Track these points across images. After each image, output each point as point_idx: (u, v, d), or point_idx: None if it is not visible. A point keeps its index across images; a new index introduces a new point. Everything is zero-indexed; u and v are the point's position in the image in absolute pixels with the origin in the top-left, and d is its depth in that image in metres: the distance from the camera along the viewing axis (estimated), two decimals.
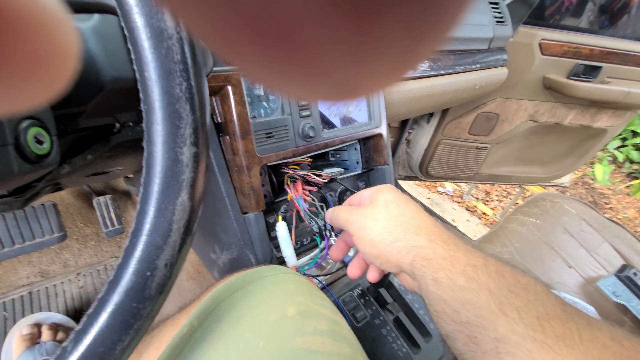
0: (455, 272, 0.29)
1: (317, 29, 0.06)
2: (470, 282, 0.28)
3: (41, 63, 0.10)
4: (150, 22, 0.18)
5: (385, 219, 0.35)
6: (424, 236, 0.33)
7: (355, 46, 0.07)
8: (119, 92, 0.35)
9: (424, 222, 0.34)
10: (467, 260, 0.30)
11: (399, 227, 0.34)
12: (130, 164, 0.55)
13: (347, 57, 0.07)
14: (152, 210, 0.21)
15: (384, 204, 0.36)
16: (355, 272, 0.42)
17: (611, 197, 2.78)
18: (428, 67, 0.81)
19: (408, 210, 0.35)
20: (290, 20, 0.06)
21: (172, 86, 0.19)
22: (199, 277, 1.08)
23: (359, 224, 0.36)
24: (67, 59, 0.11)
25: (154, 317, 0.23)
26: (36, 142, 0.32)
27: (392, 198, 0.37)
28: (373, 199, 0.38)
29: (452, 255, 0.31)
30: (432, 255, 0.31)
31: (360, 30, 0.06)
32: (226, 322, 0.33)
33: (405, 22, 0.06)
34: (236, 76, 0.45)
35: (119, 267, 0.21)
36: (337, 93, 0.09)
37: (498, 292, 0.27)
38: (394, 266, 0.34)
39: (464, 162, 1.39)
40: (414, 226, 0.34)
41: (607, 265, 0.76)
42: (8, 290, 0.92)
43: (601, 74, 1.09)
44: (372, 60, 0.07)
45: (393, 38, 0.07)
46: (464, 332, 0.28)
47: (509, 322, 0.25)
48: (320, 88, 0.08)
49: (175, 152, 0.20)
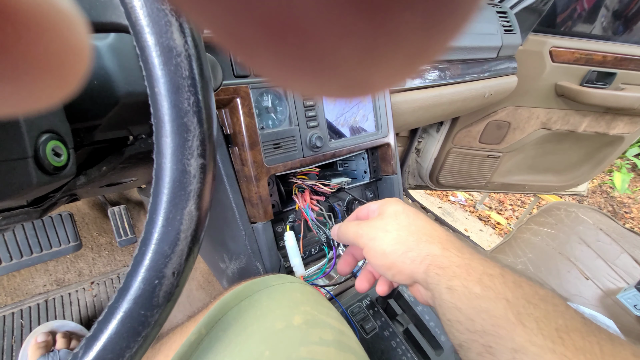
0: (471, 281, 0.29)
1: (329, 25, 0.06)
2: (486, 291, 0.28)
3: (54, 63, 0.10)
4: (160, 41, 0.19)
5: (396, 229, 0.34)
6: (437, 244, 0.32)
7: (369, 41, 0.07)
8: (133, 106, 0.36)
9: (436, 230, 0.34)
10: (483, 269, 0.29)
11: (411, 237, 0.33)
12: (143, 174, 0.56)
13: (360, 52, 0.07)
14: (160, 220, 0.21)
15: (393, 215, 0.36)
16: (364, 285, 0.41)
17: (632, 206, 2.68)
18: (436, 77, 0.81)
19: (418, 220, 0.35)
20: (303, 16, 0.06)
21: (181, 100, 0.20)
22: (209, 286, 1.09)
23: (369, 235, 0.36)
24: (79, 60, 0.11)
25: (161, 325, 0.23)
26: (54, 155, 0.34)
27: (401, 210, 0.36)
28: (381, 211, 0.38)
29: (468, 264, 0.30)
30: (447, 264, 0.30)
31: (374, 25, 0.06)
32: (233, 330, 0.33)
33: (420, 17, 0.06)
34: (245, 89, 0.47)
35: (128, 275, 0.21)
36: (350, 89, 0.09)
37: (516, 302, 0.27)
38: (407, 277, 0.34)
39: (475, 171, 1.37)
40: (426, 235, 0.33)
41: (627, 277, 0.73)
42: (25, 299, 0.95)
43: (616, 81, 1.07)
44: (385, 55, 0.07)
45: (406, 33, 0.07)
46: (479, 342, 0.27)
47: (527, 333, 0.25)
48: (332, 84, 0.08)
49: (183, 163, 0.21)
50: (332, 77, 0.08)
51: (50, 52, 0.10)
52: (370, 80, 0.08)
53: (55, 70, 0.10)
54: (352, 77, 0.08)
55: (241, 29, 0.06)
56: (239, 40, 0.07)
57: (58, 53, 0.10)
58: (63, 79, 0.11)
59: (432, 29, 0.07)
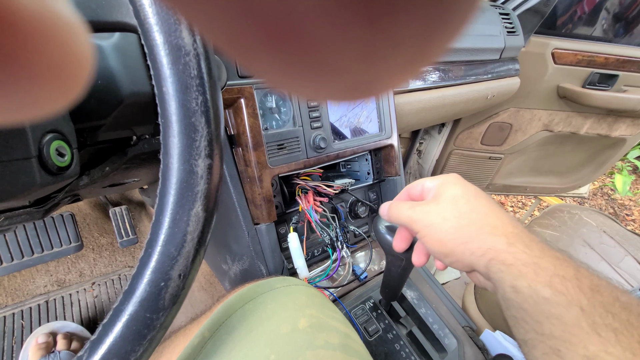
0: (540, 283, 0.26)
1: (330, 29, 0.06)
2: (557, 296, 0.25)
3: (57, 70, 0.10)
4: (169, 40, 0.19)
5: (456, 216, 0.31)
6: (501, 237, 0.29)
7: (369, 45, 0.07)
8: (137, 106, 0.36)
9: (501, 220, 0.30)
10: (554, 269, 0.27)
11: (472, 226, 0.30)
12: (145, 175, 0.56)
13: (361, 56, 0.07)
14: (167, 221, 0.21)
15: (451, 200, 0.32)
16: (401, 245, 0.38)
17: (633, 209, 2.68)
18: (438, 78, 0.81)
19: (480, 206, 0.31)
20: (304, 21, 0.06)
21: (189, 100, 0.20)
22: (211, 287, 1.09)
23: (424, 221, 0.32)
24: (82, 68, 0.11)
25: (166, 328, 0.23)
26: (58, 155, 0.33)
27: (460, 193, 0.32)
28: (438, 193, 0.34)
29: (536, 263, 0.27)
30: (512, 261, 0.28)
31: (374, 29, 0.06)
32: (237, 333, 0.33)
33: (419, 20, 0.06)
34: (249, 89, 0.46)
35: (134, 277, 0.21)
36: (351, 92, 0.09)
37: (591, 310, 0.24)
38: (465, 266, 0.31)
39: (477, 173, 1.37)
40: (490, 225, 0.30)
41: (631, 279, 0.73)
42: (26, 299, 0.94)
43: (618, 83, 1.07)
44: (386, 58, 0.07)
45: (407, 36, 0.07)
46: (546, 343, 0.25)
47: (603, 343, 0.23)
48: (334, 88, 0.08)
49: (191, 164, 0.20)
50: (334, 80, 0.08)
51: (53, 59, 0.10)
52: (372, 83, 0.08)
53: (58, 78, 0.11)
54: (354, 80, 0.08)
55: (242, 35, 0.06)
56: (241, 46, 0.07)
57: (61, 60, 0.10)
58: (66, 86, 0.11)
59: (432, 31, 0.07)
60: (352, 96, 0.09)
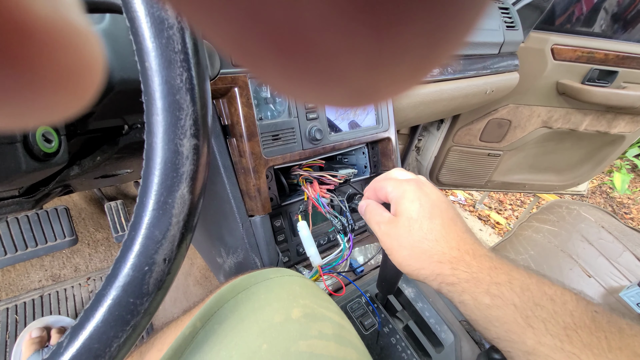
0: (480, 293, 0.30)
1: (336, 37, 0.06)
2: (495, 300, 0.29)
3: (70, 78, 0.10)
4: (150, 12, 0.18)
5: (410, 245, 0.35)
6: (446, 265, 0.33)
7: (374, 53, 0.07)
8: (128, 94, 0.35)
9: (449, 245, 0.34)
10: (490, 279, 0.31)
11: (423, 256, 0.34)
12: (138, 166, 0.55)
13: (365, 63, 0.07)
14: (151, 203, 0.20)
15: (407, 225, 0.35)
16: None
17: (631, 207, 2.68)
18: (437, 72, 0.81)
19: (432, 232, 0.34)
20: (310, 30, 0.06)
21: (173, 76, 0.19)
22: (206, 281, 1.08)
23: (386, 244, 0.37)
24: (93, 75, 0.11)
25: (152, 314, 0.22)
26: (44, 141, 0.32)
27: (415, 215, 0.35)
28: (396, 212, 0.37)
29: (475, 277, 0.31)
30: (456, 281, 0.32)
31: (379, 36, 0.06)
32: (229, 323, 0.32)
33: (424, 28, 0.06)
34: (243, 78, 0.46)
35: (117, 261, 0.20)
36: (354, 99, 0.09)
37: (523, 305, 0.28)
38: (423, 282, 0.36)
39: (476, 170, 1.36)
40: (438, 253, 0.34)
41: (630, 275, 0.73)
42: (20, 294, 0.94)
43: (617, 79, 1.06)
44: (390, 66, 0.07)
45: (411, 44, 0.07)
46: (499, 346, 0.29)
47: (537, 335, 0.26)
48: (337, 95, 0.08)
49: (175, 143, 0.20)
50: (337, 87, 0.08)
51: (66, 66, 0.10)
52: (376, 90, 0.08)
53: (70, 85, 0.11)
54: (358, 87, 0.08)
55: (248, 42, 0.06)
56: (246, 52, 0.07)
57: (74, 67, 0.10)
58: (78, 92, 0.11)
59: (437, 40, 0.07)
60: (355, 103, 0.09)
